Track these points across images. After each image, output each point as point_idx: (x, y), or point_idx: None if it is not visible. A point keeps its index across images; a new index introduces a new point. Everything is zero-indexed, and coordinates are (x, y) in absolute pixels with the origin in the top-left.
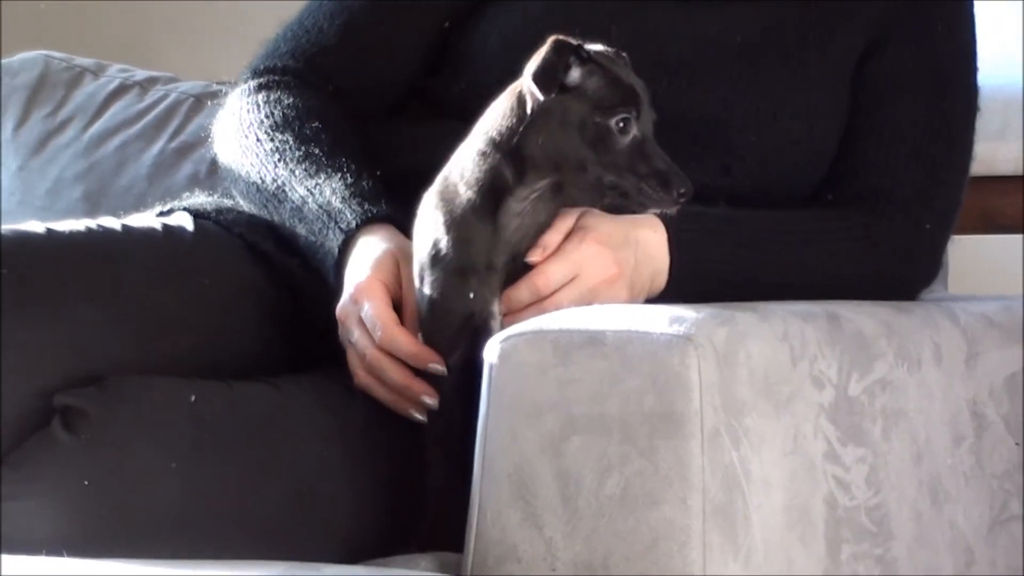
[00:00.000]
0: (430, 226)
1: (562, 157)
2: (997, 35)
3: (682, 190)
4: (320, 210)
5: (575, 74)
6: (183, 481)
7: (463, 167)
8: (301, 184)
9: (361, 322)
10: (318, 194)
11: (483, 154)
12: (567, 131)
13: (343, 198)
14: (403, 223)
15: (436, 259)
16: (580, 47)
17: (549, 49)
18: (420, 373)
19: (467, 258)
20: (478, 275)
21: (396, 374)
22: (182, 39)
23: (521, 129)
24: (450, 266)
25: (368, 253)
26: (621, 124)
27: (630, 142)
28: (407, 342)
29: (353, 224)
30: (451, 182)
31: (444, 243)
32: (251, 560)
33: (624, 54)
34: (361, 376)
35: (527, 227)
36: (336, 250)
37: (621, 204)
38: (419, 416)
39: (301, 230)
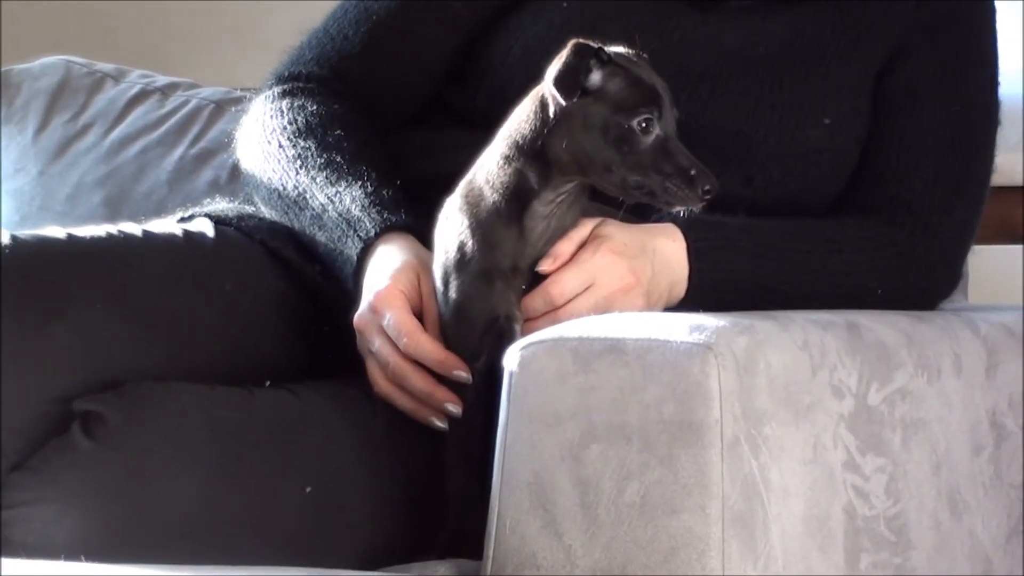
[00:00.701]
0: (455, 230)
1: (587, 160)
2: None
3: (707, 187)
4: (340, 218)
5: (596, 77)
6: (202, 487)
7: (488, 171)
8: (322, 191)
9: (382, 331)
10: (338, 202)
11: (507, 158)
12: (590, 134)
13: (363, 206)
14: (422, 232)
15: (461, 262)
16: (601, 50)
17: (570, 53)
18: (442, 381)
19: (492, 261)
20: (503, 278)
21: (420, 382)
22: (203, 45)
23: (545, 132)
24: (475, 269)
25: (387, 263)
26: (643, 124)
27: (653, 141)
28: (433, 349)
29: (372, 233)
30: (476, 186)
31: (470, 246)
32: (269, 566)
33: (645, 55)
34: (382, 385)
35: (553, 231)
36: (355, 258)
37: (648, 203)
38: (441, 424)
39: (321, 237)
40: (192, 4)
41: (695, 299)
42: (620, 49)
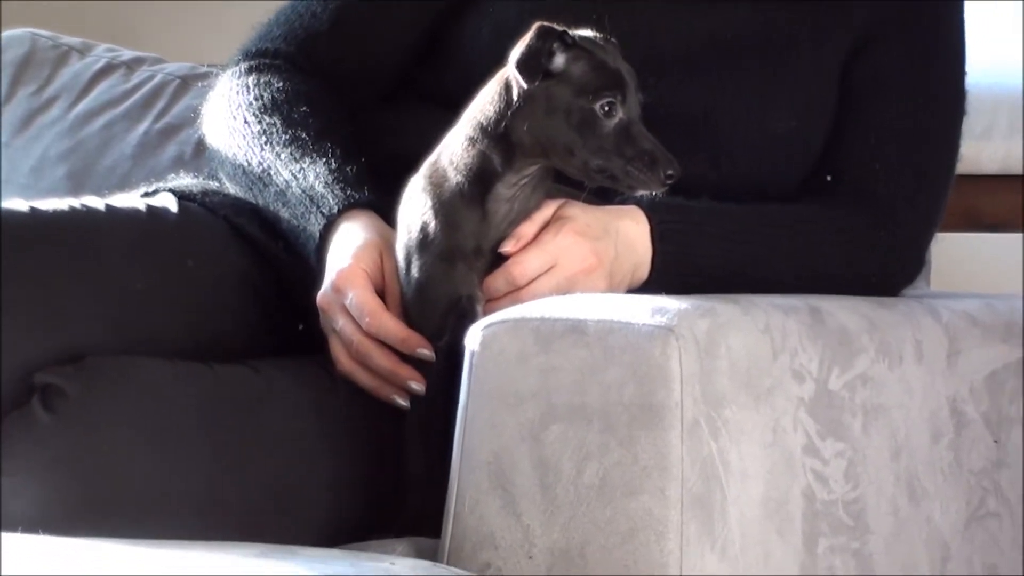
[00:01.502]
0: (418, 210)
1: (549, 142)
2: (988, 35)
3: (669, 171)
4: (303, 194)
5: (560, 60)
6: (161, 462)
7: (452, 152)
8: (286, 168)
9: (345, 310)
10: (302, 178)
11: (472, 140)
12: (553, 117)
13: (326, 183)
14: (386, 210)
15: (424, 243)
16: (565, 33)
17: (533, 36)
18: (405, 359)
19: (455, 242)
20: (465, 259)
21: (383, 360)
22: (169, 20)
23: (508, 115)
24: (437, 250)
25: (350, 241)
26: (606, 108)
27: (616, 125)
28: (396, 328)
29: (335, 209)
30: (440, 167)
31: (432, 227)
32: (227, 542)
33: (612, 39)
34: (345, 363)
35: (516, 213)
36: (317, 235)
37: (611, 187)
38: (403, 402)
39: (284, 214)
40: None
41: (658, 281)
42: (586, 33)
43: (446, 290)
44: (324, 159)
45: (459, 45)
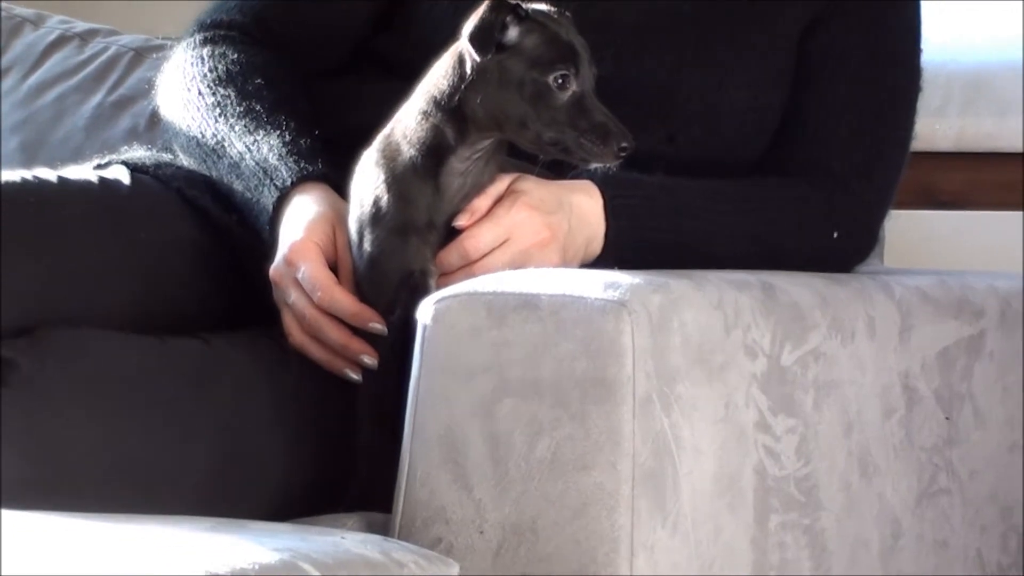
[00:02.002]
0: (370, 184)
1: (503, 115)
2: (943, 12)
3: (623, 144)
4: (257, 166)
5: (513, 33)
6: (112, 435)
7: (405, 126)
8: (240, 140)
9: (297, 283)
10: (255, 150)
11: (425, 113)
12: (506, 90)
13: (280, 155)
14: (340, 182)
15: (376, 217)
16: (518, 6)
17: (486, 8)
18: (358, 333)
19: (407, 216)
20: (418, 234)
21: (335, 334)
22: None
23: (462, 88)
24: (390, 224)
25: (303, 214)
26: (559, 80)
27: (569, 98)
28: (348, 302)
29: (288, 182)
30: (393, 140)
31: (385, 201)
32: (178, 515)
33: (567, 13)
34: (297, 336)
35: (469, 187)
36: (271, 207)
37: (564, 159)
38: (354, 376)
39: (238, 186)
40: None
41: (611, 256)
42: (540, 6)
43: (398, 264)
44: (278, 131)
45: (416, 15)
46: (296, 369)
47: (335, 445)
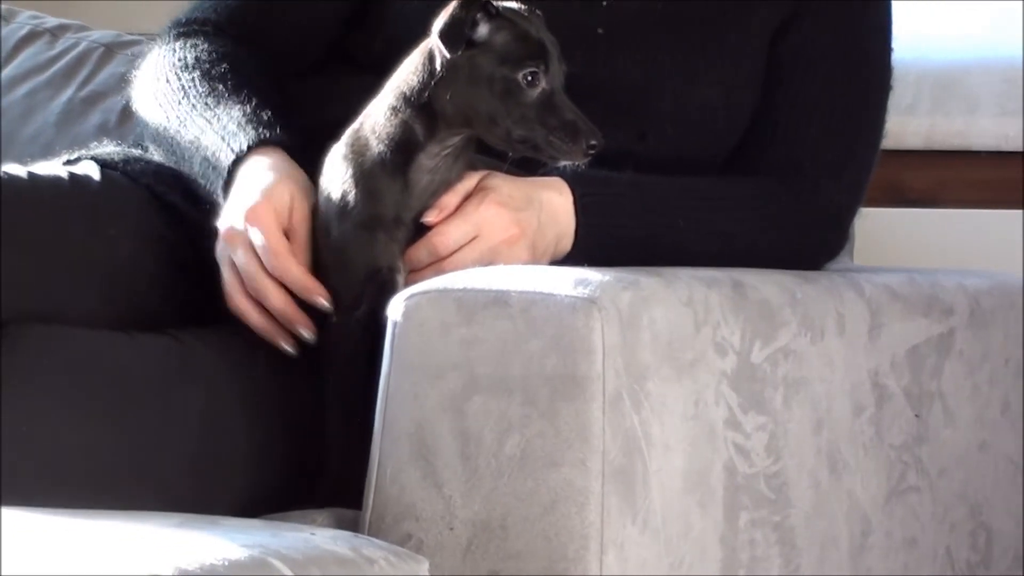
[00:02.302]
0: (339, 178)
1: (472, 112)
2: (913, 10)
3: (592, 142)
4: (216, 136)
5: (483, 30)
6: (82, 431)
7: (375, 121)
8: (201, 116)
9: (249, 244)
10: (215, 122)
11: (394, 109)
12: (476, 86)
13: (239, 124)
14: (298, 150)
15: (344, 211)
16: (488, 3)
17: (456, 5)
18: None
19: (375, 212)
20: (386, 230)
21: (279, 300)
22: None
23: (432, 85)
24: (357, 219)
25: (260, 178)
26: (529, 77)
27: (538, 95)
28: (299, 272)
29: (245, 146)
30: (362, 136)
31: (352, 196)
32: (148, 511)
33: (538, 11)
34: (237, 298)
35: (438, 183)
36: (226, 170)
37: (533, 157)
38: (289, 348)
39: (197, 159)
40: None
41: (581, 253)
42: (510, 4)
43: (365, 259)
44: (239, 105)
45: (388, 13)
46: (265, 366)
47: (305, 441)
